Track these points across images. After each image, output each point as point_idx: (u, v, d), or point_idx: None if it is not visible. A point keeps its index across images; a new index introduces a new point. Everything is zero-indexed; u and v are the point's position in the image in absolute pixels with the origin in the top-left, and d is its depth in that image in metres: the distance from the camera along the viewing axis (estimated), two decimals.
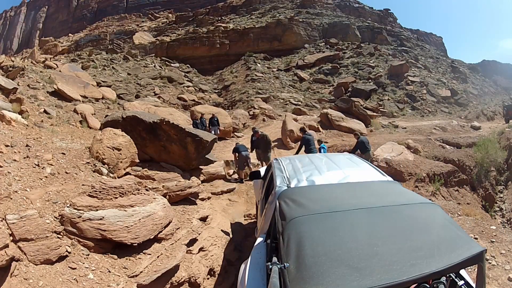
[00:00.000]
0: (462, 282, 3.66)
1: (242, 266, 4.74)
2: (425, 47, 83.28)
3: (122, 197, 6.74)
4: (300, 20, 70.47)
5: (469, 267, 4.72)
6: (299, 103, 38.73)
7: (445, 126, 30.24)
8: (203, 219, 9.03)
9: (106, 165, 9.06)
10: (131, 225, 6.30)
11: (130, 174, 9.65)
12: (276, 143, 22.78)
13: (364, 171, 5.93)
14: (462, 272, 3.91)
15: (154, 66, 54.70)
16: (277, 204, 4.52)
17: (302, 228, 3.63)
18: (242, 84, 47.16)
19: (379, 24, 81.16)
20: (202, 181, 13.27)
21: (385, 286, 2.81)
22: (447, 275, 3.61)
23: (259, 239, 5.17)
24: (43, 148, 8.62)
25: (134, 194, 6.97)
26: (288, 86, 47.79)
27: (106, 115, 16.34)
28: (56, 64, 36.34)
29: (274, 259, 3.66)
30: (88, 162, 8.76)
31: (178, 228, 7.70)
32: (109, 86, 36.57)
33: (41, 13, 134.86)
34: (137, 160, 10.29)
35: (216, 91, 50.01)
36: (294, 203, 4.31)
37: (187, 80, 51.19)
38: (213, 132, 21.17)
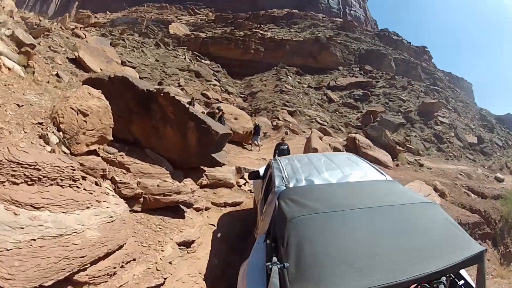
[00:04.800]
0: (462, 282, 3.73)
1: (242, 266, 4.68)
2: (456, 90, 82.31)
3: (31, 185, 4.25)
4: (338, 41, 70.15)
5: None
6: (325, 123, 38.23)
7: (470, 173, 29.61)
8: (186, 244, 6.96)
9: (61, 133, 6.77)
10: (8, 251, 3.51)
11: (99, 154, 7.32)
12: None
13: (364, 170, 5.97)
14: (462, 272, 3.93)
15: (185, 58, 54.49)
16: (277, 204, 4.53)
17: (301, 228, 3.67)
18: (270, 94, 46.66)
19: (415, 60, 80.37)
20: (203, 186, 11.16)
21: (385, 286, 2.81)
22: (447, 275, 3.49)
23: (259, 239, 5.08)
24: (2, 95, 7.16)
25: (62, 186, 4.50)
26: (316, 104, 47.26)
27: None
28: (85, 34, 35.75)
29: (274, 259, 3.51)
30: (41, 123, 6.77)
31: (132, 260, 5.20)
32: (134, 68, 36.02)
33: None
34: (110, 138, 7.50)
35: (242, 96, 49.58)
36: (294, 203, 4.32)
37: (215, 79, 50.72)
38: None
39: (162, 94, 8.55)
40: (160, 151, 8.89)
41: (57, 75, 16.74)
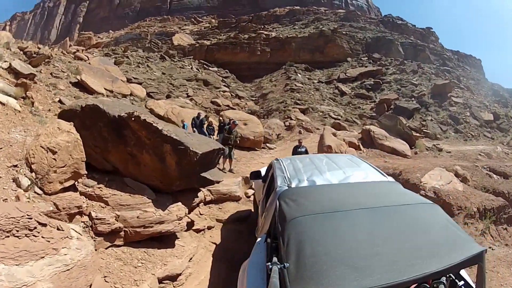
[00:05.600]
0: (462, 282, 3.79)
1: (242, 266, 4.70)
2: (466, 68, 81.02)
3: None
4: (344, 32, 69.76)
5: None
6: (339, 117, 37.92)
7: (490, 152, 28.92)
8: (171, 278, 6.48)
9: (33, 173, 6.57)
10: None
11: (77, 189, 7.12)
12: None
13: (365, 171, 6.01)
14: (462, 272, 3.99)
15: (191, 68, 54.79)
16: (278, 204, 4.56)
17: (302, 228, 3.70)
18: (281, 93, 46.42)
19: (422, 42, 79.44)
20: (208, 202, 10.66)
21: (385, 286, 2.84)
22: (447, 275, 3.63)
23: (260, 239, 5.14)
24: None
25: (18, 237, 4.28)
26: (328, 99, 46.93)
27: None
28: (87, 56, 35.98)
29: (274, 259, 3.58)
30: (16, 165, 6.66)
31: None
32: (140, 83, 36.12)
33: (81, 7, 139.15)
34: (84, 172, 7.26)
35: (253, 98, 49.39)
36: (295, 203, 4.38)
37: (224, 85, 50.70)
38: None
39: (133, 119, 7.98)
40: (140, 178, 8.36)
41: (59, 101, 16.82)
